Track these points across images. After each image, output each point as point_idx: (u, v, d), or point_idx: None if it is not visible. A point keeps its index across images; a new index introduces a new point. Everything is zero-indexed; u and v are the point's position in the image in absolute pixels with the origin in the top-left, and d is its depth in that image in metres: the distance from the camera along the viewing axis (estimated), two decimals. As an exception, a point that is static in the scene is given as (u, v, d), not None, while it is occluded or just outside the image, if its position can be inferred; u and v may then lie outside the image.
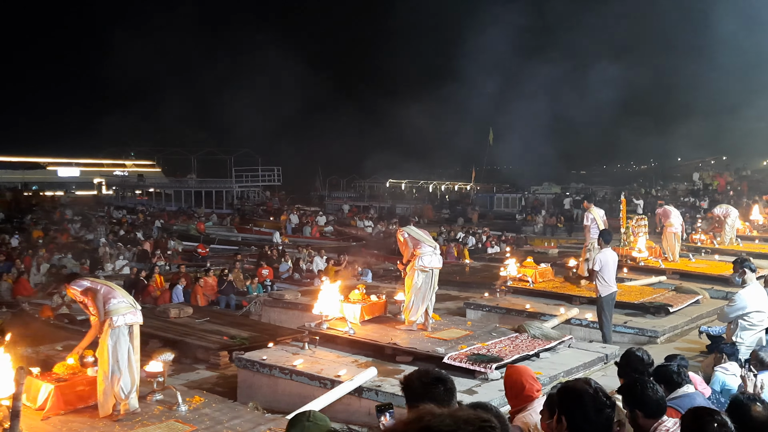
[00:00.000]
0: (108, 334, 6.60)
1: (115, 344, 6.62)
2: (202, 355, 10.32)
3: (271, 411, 7.09)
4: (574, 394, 3.23)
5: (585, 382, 3.32)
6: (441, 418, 1.79)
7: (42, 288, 17.48)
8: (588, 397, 3.17)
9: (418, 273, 9.37)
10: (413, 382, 3.31)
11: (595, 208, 13.61)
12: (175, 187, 50.06)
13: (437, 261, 9.57)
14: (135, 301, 7.02)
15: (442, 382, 3.29)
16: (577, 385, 3.32)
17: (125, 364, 6.62)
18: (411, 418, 1.86)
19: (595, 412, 3.14)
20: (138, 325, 6.87)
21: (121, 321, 6.64)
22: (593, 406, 3.14)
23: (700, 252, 17.46)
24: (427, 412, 1.83)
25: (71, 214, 34.34)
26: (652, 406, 3.80)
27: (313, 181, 58.14)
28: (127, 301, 6.79)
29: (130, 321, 6.72)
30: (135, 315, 6.80)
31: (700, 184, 40.86)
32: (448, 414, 1.82)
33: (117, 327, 6.60)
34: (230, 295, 16.18)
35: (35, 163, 56.76)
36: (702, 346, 9.23)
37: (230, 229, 34.18)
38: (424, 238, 9.67)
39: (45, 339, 11.68)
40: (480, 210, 41.34)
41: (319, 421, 2.88)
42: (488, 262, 20.35)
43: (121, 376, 6.57)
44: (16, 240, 24.30)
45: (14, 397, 5.73)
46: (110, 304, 6.64)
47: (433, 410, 1.84)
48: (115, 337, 6.63)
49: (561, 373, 8.02)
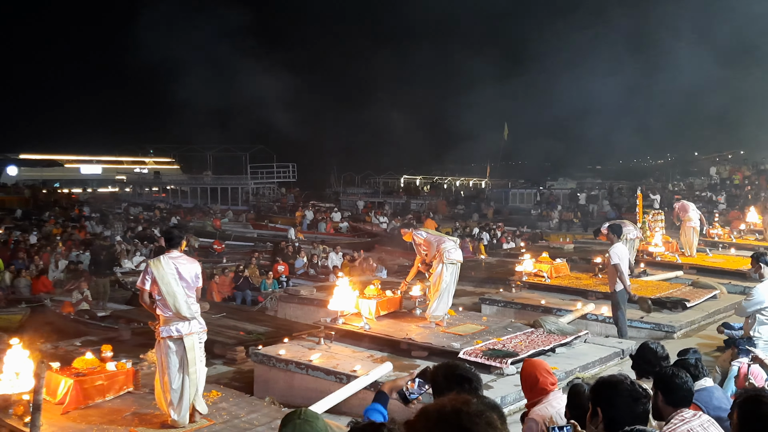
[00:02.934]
0: (157, 345, 6.46)
1: (163, 356, 6.37)
2: (219, 350, 10.39)
3: (287, 405, 7.13)
4: (610, 385, 3.27)
5: (622, 376, 3.35)
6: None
7: (61, 284, 17.65)
8: (624, 387, 3.22)
9: (446, 267, 9.44)
10: (438, 377, 3.28)
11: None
12: (192, 184, 50.30)
13: (461, 254, 9.80)
14: (191, 308, 6.43)
15: (468, 381, 3.24)
16: (613, 378, 3.35)
17: (174, 376, 6.33)
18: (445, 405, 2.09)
19: (632, 401, 3.18)
20: (195, 335, 6.46)
21: (166, 333, 6.35)
22: (630, 396, 3.19)
23: (717, 247, 17.35)
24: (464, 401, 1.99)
25: (89, 212, 34.64)
26: (677, 394, 3.78)
27: (328, 177, 58.20)
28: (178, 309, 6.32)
29: (177, 334, 6.34)
30: (189, 324, 6.39)
31: (717, 179, 40.51)
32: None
33: (163, 339, 6.35)
34: (246, 291, 16.28)
35: (55, 161, 57.35)
36: (719, 341, 9.17)
37: (246, 226, 34.31)
38: (442, 235, 9.86)
39: (65, 334, 11.84)
40: (495, 206, 41.23)
41: (310, 419, 2.90)
42: (504, 257, 20.34)
43: (170, 389, 6.33)
44: (34, 237, 24.52)
45: (35, 390, 5.81)
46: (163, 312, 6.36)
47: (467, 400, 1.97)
48: (161, 349, 6.40)
49: (577, 368, 8.01)
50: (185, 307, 6.31)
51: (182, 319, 6.32)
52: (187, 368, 6.32)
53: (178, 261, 6.40)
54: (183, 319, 6.32)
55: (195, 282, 6.45)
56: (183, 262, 6.43)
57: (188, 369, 6.33)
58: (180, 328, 6.32)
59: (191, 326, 6.37)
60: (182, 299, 6.29)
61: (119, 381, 7.12)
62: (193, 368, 6.34)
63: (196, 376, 6.38)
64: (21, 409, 6.29)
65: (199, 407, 6.47)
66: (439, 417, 2.15)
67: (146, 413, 6.67)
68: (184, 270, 6.37)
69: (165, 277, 6.25)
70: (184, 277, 6.35)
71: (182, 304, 6.28)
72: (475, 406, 2.17)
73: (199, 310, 6.53)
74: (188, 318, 6.34)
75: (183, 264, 6.40)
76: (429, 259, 9.74)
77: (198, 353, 6.44)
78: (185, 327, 6.34)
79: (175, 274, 6.31)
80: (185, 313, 6.30)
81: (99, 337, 11.45)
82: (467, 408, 2.14)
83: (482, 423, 2.11)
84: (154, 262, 6.38)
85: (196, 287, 6.48)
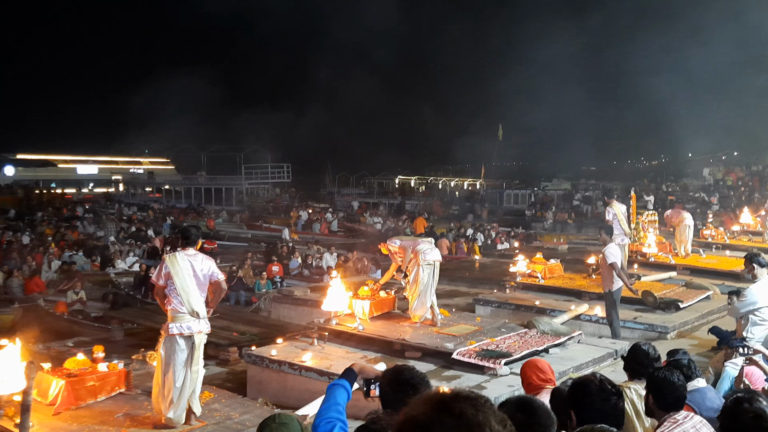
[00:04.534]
0: (162, 341, 6.48)
1: (169, 353, 6.39)
2: (212, 351, 10.33)
3: (280, 406, 7.11)
4: (579, 387, 3.29)
5: (591, 375, 3.37)
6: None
7: (54, 285, 17.57)
8: (593, 387, 3.22)
9: (423, 268, 9.44)
10: (384, 384, 2.94)
11: (617, 203, 13.29)
12: (186, 185, 50.20)
13: (437, 254, 9.81)
14: (203, 307, 6.51)
15: (412, 388, 2.83)
16: (582, 379, 3.37)
17: (179, 373, 6.35)
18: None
19: (601, 401, 3.18)
20: (204, 335, 6.53)
21: (176, 330, 6.39)
22: (599, 395, 3.19)
23: (710, 248, 17.39)
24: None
25: (82, 212, 34.52)
26: (669, 397, 3.77)
27: (323, 177, 58.19)
28: (192, 306, 6.40)
29: (188, 331, 6.40)
30: (199, 323, 6.44)
31: (711, 180, 40.62)
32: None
33: (172, 335, 6.37)
34: (240, 292, 16.22)
35: (52, 161, 57.22)
36: (712, 341, 9.18)
37: (240, 226, 34.25)
38: (415, 238, 9.91)
39: (58, 335, 11.78)
40: (489, 206, 41.23)
41: (286, 421, 2.89)
42: (498, 258, 20.30)
43: (172, 386, 6.33)
44: (27, 237, 24.42)
45: (25, 391, 5.77)
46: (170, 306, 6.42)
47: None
48: (168, 346, 6.43)
49: (570, 369, 8.01)
50: (198, 303, 6.41)
51: (194, 317, 6.39)
52: (191, 366, 6.39)
53: (194, 258, 6.51)
54: (195, 317, 6.40)
55: (210, 276, 6.54)
56: (198, 259, 6.54)
57: (192, 367, 6.40)
58: (191, 325, 6.39)
59: (200, 325, 6.46)
60: (196, 296, 6.40)
61: (111, 382, 7.09)
62: (196, 367, 6.44)
63: (197, 376, 6.46)
64: (12, 410, 6.25)
65: (195, 408, 6.47)
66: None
67: (138, 414, 6.65)
68: (198, 266, 6.47)
69: (180, 272, 6.36)
70: (198, 273, 6.45)
71: (195, 301, 6.39)
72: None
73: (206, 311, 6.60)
74: (201, 316, 6.44)
75: (198, 262, 6.51)
76: (405, 265, 9.79)
77: (201, 353, 6.54)
78: (196, 325, 6.42)
79: (191, 270, 6.41)
80: (198, 308, 6.40)
81: (91, 337, 11.39)
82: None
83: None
84: (170, 258, 6.51)
85: (214, 280, 6.56)
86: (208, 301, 6.62)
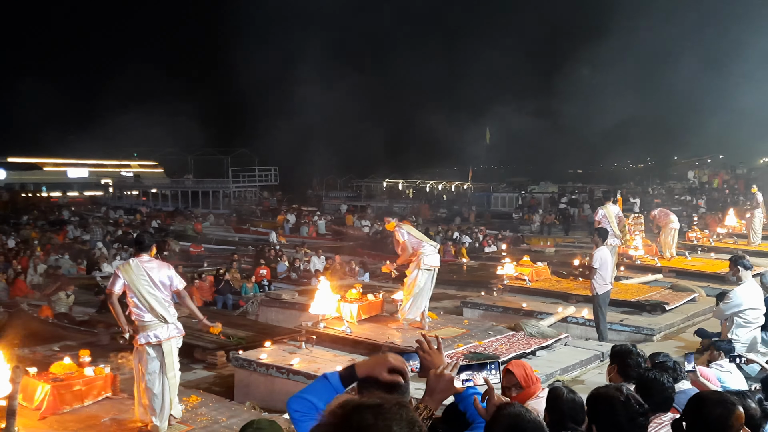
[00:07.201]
0: (135, 352, 6.44)
1: (141, 363, 6.35)
2: (199, 354, 10.31)
3: (268, 410, 7.11)
4: (604, 402, 3.07)
5: (616, 389, 3.12)
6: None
7: (39, 288, 17.43)
8: (619, 405, 3.01)
9: (421, 272, 9.43)
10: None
11: (610, 205, 13.34)
12: (172, 188, 49.95)
13: (438, 260, 9.71)
14: (170, 312, 6.45)
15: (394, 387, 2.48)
16: (608, 392, 3.12)
17: (155, 381, 6.32)
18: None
19: (627, 421, 2.99)
20: (174, 340, 6.45)
21: (143, 339, 6.32)
22: (625, 415, 2.99)
23: (696, 250, 17.51)
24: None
25: (68, 215, 34.27)
26: (657, 398, 3.78)
27: (311, 181, 58.07)
28: (156, 313, 6.31)
29: (155, 339, 6.32)
30: (167, 329, 6.37)
31: (696, 183, 40.94)
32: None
33: (141, 346, 6.31)
34: (227, 295, 16.17)
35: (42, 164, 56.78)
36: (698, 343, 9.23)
37: (227, 229, 34.10)
38: (424, 238, 9.82)
39: (44, 339, 11.68)
40: (477, 209, 41.32)
41: (264, 426, 2.89)
42: (485, 261, 20.33)
43: (150, 394, 6.31)
44: (12, 241, 24.22)
45: (10, 396, 5.73)
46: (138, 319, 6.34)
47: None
48: (139, 357, 6.39)
49: (557, 371, 8.04)
50: (162, 309, 6.28)
51: (161, 323, 6.28)
52: (166, 373, 6.30)
53: (148, 265, 6.36)
54: (162, 323, 6.29)
55: (170, 285, 6.41)
56: (153, 266, 6.39)
57: (167, 374, 6.31)
58: (158, 333, 6.29)
59: (169, 330, 6.35)
60: (158, 302, 6.27)
61: (97, 386, 7.05)
62: (171, 373, 6.34)
63: (174, 381, 6.38)
64: (-3, 415, 6.20)
65: (174, 411, 6.44)
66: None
67: (124, 419, 6.61)
68: (155, 275, 6.33)
69: (136, 280, 6.23)
70: (156, 281, 6.31)
71: (159, 307, 6.26)
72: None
73: (176, 313, 6.49)
74: (168, 321, 6.31)
75: (153, 269, 6.36)
76: (402, 260, 9.72)
77: (175, 358, 6.43)
78: (164, 332, 6.31)
79: (147, 277, 6.28)
80: (164, 314, 6.28)
81: (77, 341, 11.29)
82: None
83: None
84: (123, 266, 6.40)
85: (174, 290, 6.44)
86: (192, 312, 6.59)
